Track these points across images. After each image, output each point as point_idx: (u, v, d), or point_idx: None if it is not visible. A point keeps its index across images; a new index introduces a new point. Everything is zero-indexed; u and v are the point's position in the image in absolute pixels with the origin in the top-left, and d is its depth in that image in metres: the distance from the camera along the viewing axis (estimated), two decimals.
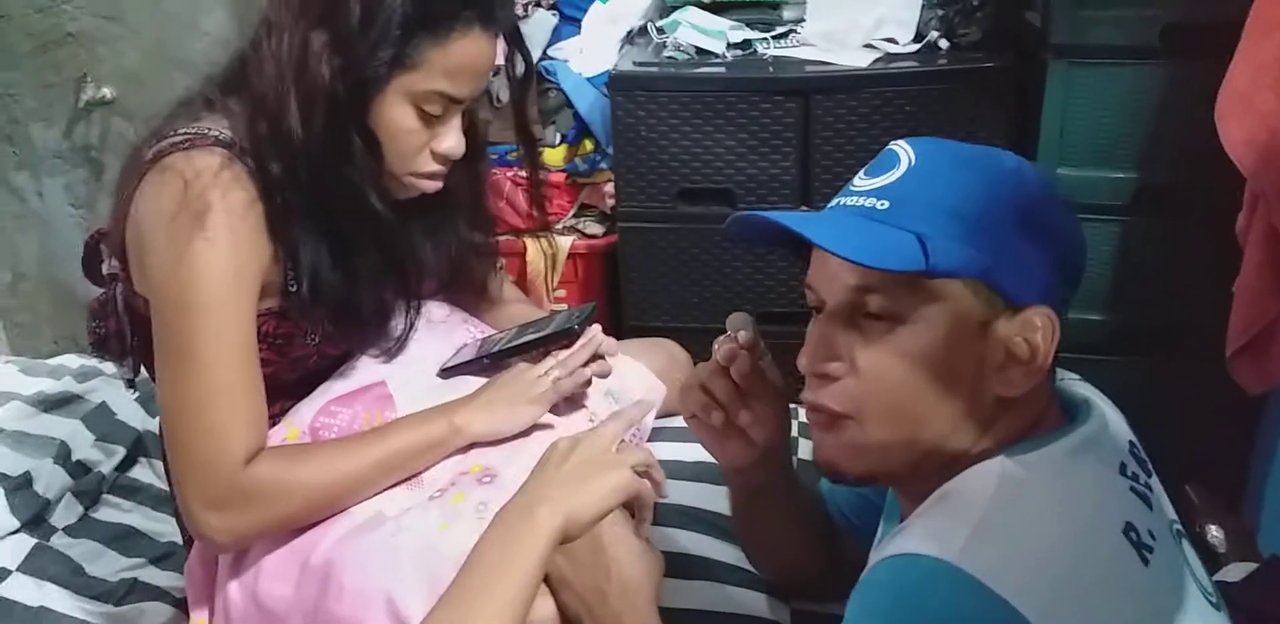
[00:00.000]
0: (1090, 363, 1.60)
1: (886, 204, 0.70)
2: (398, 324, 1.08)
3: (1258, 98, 1.18)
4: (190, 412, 0.92)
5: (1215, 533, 1.14)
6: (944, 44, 1.69)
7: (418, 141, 0.96)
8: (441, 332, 1.15)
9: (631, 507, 0.84)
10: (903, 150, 0.72)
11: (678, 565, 1.03)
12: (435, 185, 1.01)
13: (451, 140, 0.98)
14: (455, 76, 0.94)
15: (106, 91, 1.98)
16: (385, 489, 0.98)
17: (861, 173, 0.74)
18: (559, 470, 0.81)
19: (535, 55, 1.89)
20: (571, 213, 1.90)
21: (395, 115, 0.94)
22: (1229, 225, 1.28)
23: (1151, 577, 0.65)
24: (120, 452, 1.35)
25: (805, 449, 1.21)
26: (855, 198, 0.72)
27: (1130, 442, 0.75)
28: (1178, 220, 1.50)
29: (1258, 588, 0.92)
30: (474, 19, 0.94)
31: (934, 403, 0.68)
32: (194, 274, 0.90)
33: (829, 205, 0.75)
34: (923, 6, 1.72)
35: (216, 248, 0.90)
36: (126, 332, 1.01)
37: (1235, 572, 1.01)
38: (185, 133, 0.93)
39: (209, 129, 0.94)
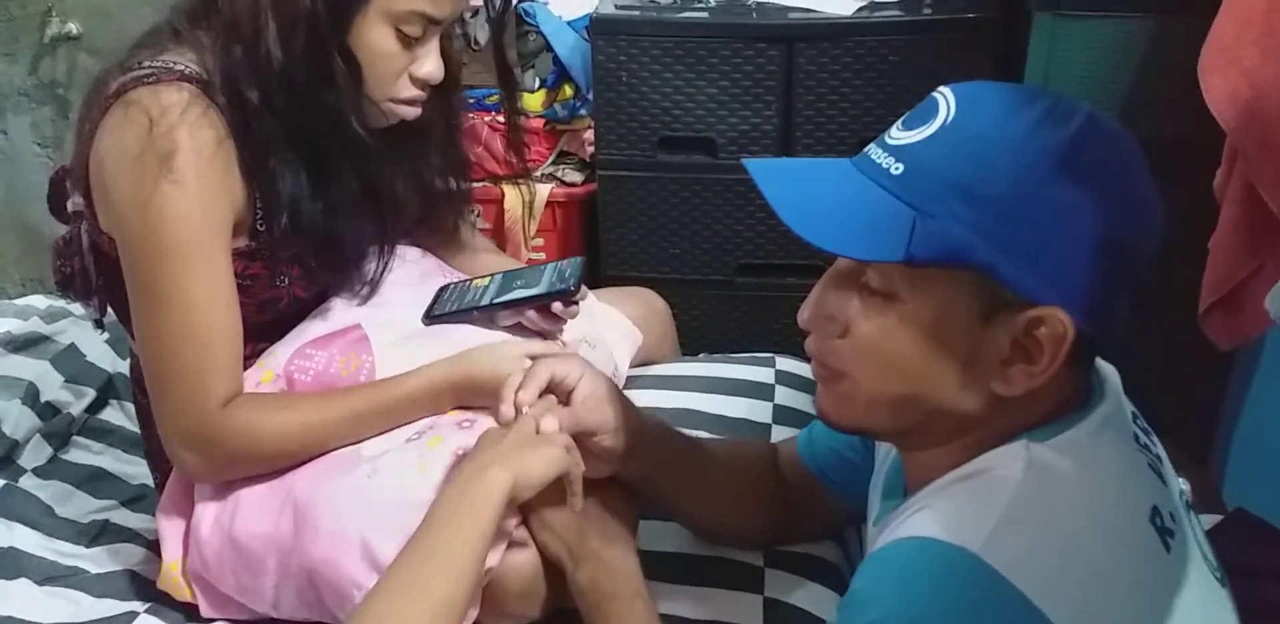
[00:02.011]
0: None
1: (901, 169, 0.64)
2: (372, 264, 1.06)
3: (1242, 52, 1.17)
4: (166, 354, 0.91)
5: (1183, 486, 1.16)
6: None
7: (397, 65, 0.95)
8: (416, 275, 1.13)
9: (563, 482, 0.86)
10: (944, 101, 0.65)
11: (653, 511, 1.04)
12: (414, 111, 1.00)
13: (430, 64, 0.96)
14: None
15: (72, 26, 1.93)
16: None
17: (900, 121, 0.67)
18: (500, 442, 0.84)
19: None
20: (550, 160, 1.87)
21: (375, 37, 0.92)
22: (1208, 181, 1.28)
23: (1172, 563, 0.64)
24: (90, 393, 1.33)
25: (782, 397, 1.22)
26: (879, 152, 0.66)
27: (1132, 409, 0.73)
28: (1157, 176, 1.50)
29: (1225, 540, 0.94)
30: None
31: (928, 378, 0.65)
32: (162, 217, 0.88)
33: (864, 150, 0.68)
34: None
35: (184, 190, 0.88)
36: (91, 270, 0.99)
37: (1203, 523, 1.03)
38: (150, 66, 0.91)
39: (175, 62, 0.91)
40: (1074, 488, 0.63)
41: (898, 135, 0.66)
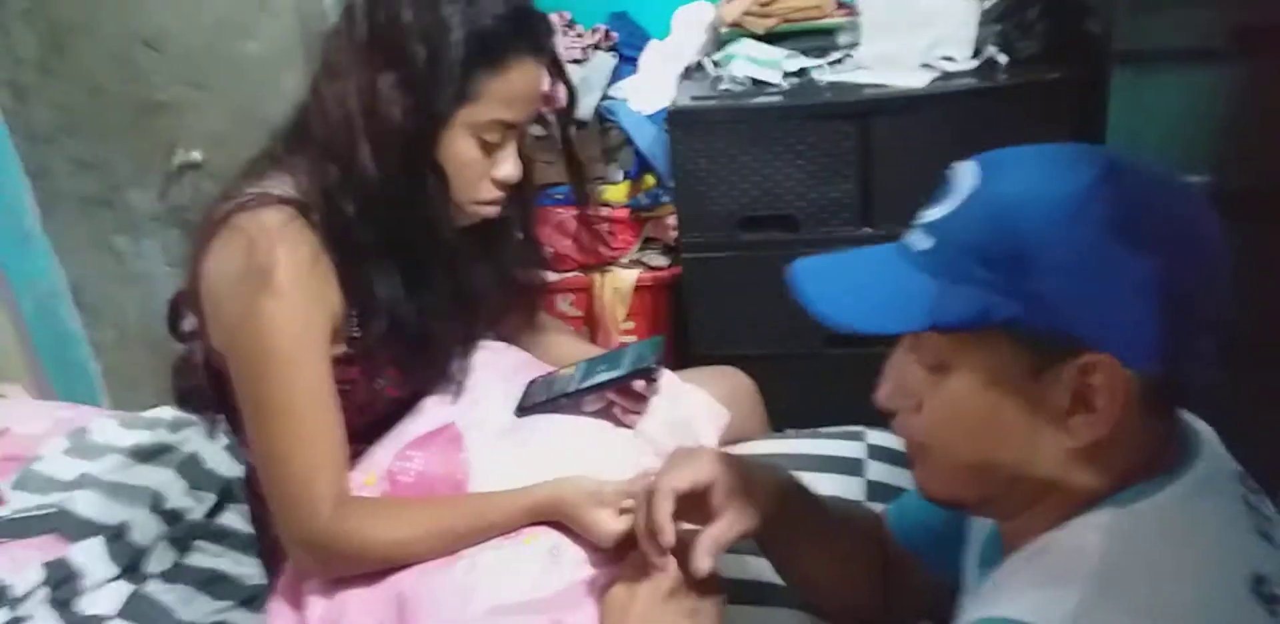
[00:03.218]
0: None
1: (931, 243, 0.65)
2: (459, 362, 1.10)
3: None
4: (275, 459, 0.96)
5: None
6: (1003, 59, 1.67)
7: (480, 170, 1.00)
8: (507, 369, 1.17)
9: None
10: (967, 173, 0.66)
11: (750, 593, 1.02)
12: (494, 211, 1.05)
13: (509, 166, 1.02)
14: (512, 104, 0.98)
15: (195, 155, 2.09)
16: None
17: (928, 208, 0.69)
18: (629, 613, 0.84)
19: (596, 96, 1.94)
20: (636, 247, 1.92)
21: (460, 147, 0.98)
22: None
23: None
24: (210, 498, 1.40)
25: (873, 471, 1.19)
26: (913, 233, 0.68)
27: (1239, 470, 0.69)
28: (1256, 226, 1.44)
29: None
30: (525, 49, 0.98)
31: (999, 441, 0.65)
32: (265, 330, 0.94)
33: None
34: (980, 22, 1.71)
35: (285, 302, 0.93)
36: (207, 386, 1.06)
37: None
38: (251, 193, 0.98)
39: (272, 188, 0.98)
40: (1160, 556, 0.60)
41: (926, 213, 0.68)
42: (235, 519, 1.38)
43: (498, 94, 0.97)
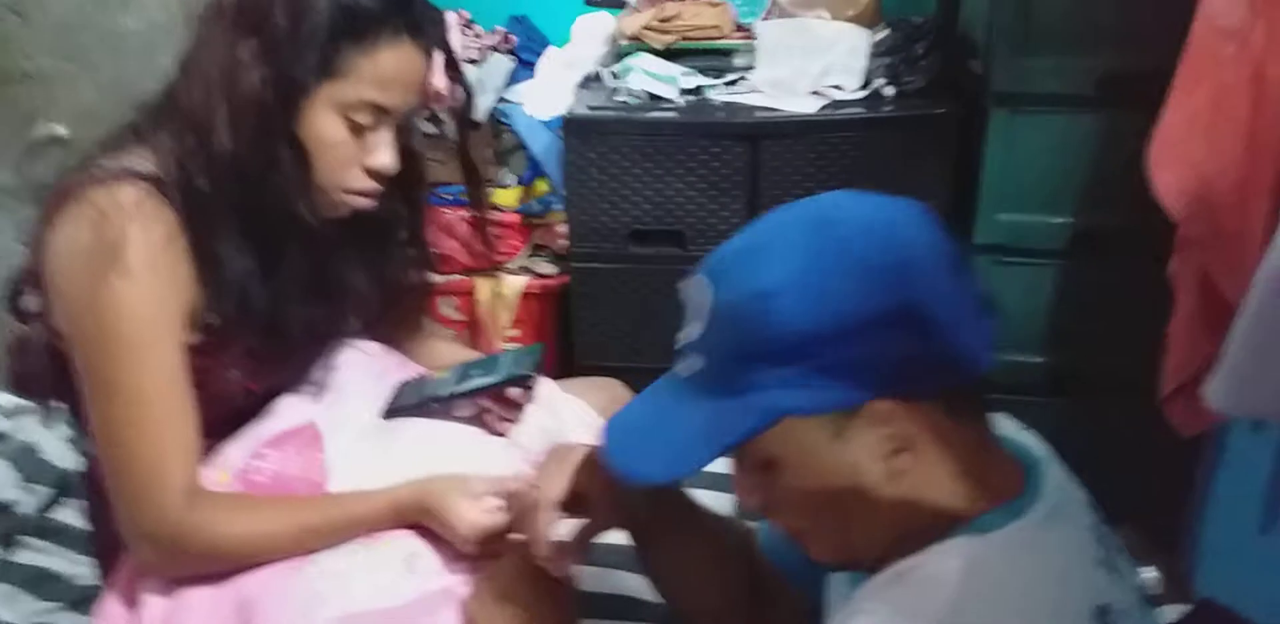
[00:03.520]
0: (1027, 404, 1.62)
1: (701, 363, 0.67)
2: (325, 358, 1.06)
3: (1189, 146, 1.21)
4: (121, 446, 0.91)
5: (1150, 573, 1.14)
6: (889, 91, 1.72)
7: (347, 154, 0.96)
8: (376, 370, 1.13)
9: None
10: (699, 288, 0.68)
11: (619, 607, 1.01)
12: (368, 203, 1.00)
13: (384, 156, 0.97)
14: (384, 86, 0.94)
15: (60, 129, 1.98)
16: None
17: (683, 329, 0.70)
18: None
19: (491, 98, 1.92)
20: (524, 253, 1.90)
21: (324, 125, 0.93)
22: (1163, 269, 1.30)
23: None
24: (44, 492, 1.31)
25: None
26: (681, 359, 0.69)
27: (1086, 497, 0.72)
28: (1114, 264, 1.53)
29: None
30: (402, 28, 0.94)
31: (854, 508, 0.66)
32: (113, 310, 0.89)
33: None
34: (869, 55, 1.76)
35: (135, 282, 0.89)
36: (47, 370, 0.99)
37: (1169, 614, 1.00)
38: (107, 167, 0.93)
39: (131, 164, 0.93)
40: (1011, 588, 0.62)
41: (683, 335, 0.69)
42: (71, 515, 1.30)
43: (367, 73, 0.93)
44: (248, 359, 0.98)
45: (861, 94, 1.72)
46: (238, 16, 0.91)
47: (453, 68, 1.04)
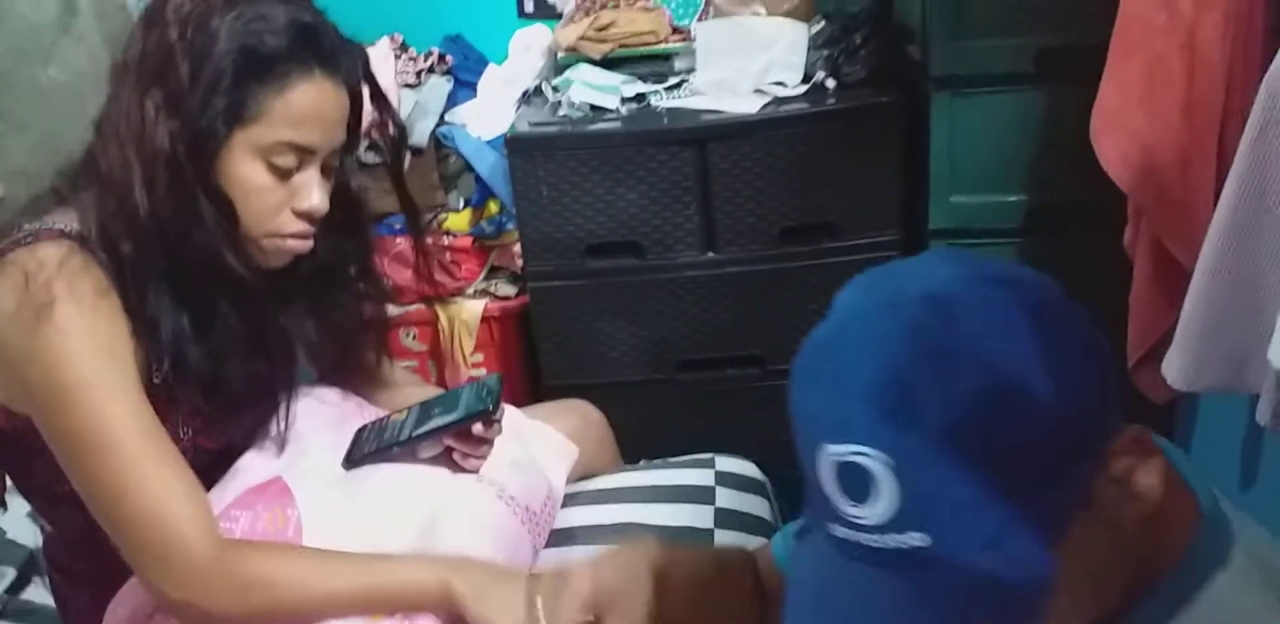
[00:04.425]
0: None
1: (928, 539, 0.51)
2: (277, 411, 1.04)
3: (1127, 116, 1.21)
4: (118, 507, 0.86)
5: None
6: (831, 84, 1.71)
7: (273, 199, 0.93)
8: (335, 418, 1.10)
9: None
10: (868, 458, 0.52)
11: None
12: (303, 245, 0.97)
13: (313, 197, 0.94)
14: (300, 125, 0.91)
15: None
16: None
17: (845, 499, 0.53)
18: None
19: (432, 121, 1.90)
20: (482, 276, 1.88)
21: (244, 172, 0.90)
22: (1119, 240, 1.30)
23: None
24: (10, 573, 1.28)
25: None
26: (872, 536, 0.52)
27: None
28: (1070, 238, 1.53)
29: None
30: (312, 63, 0.91)
31: (1102, 574, 0.57)
32: (58, 363, 0.85)
33: (835, 536, 0.54)
34: (809, 48, 1.75)
35: (72, 333, 0.86)
36: None
37: None
38: (29, 228, 0.90)
39: (54, 223, 0.91)
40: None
41: (864, 512, 0.52)
42: (40, 594, 1.27)
43: (279, 114, 0.90)
44: (194, 417, 0.96)
45: (804, 89, 1.71)
46: (142, 68, 0.89)
47: (378, 98, 1.01)
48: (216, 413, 0.94)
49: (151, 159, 0.88)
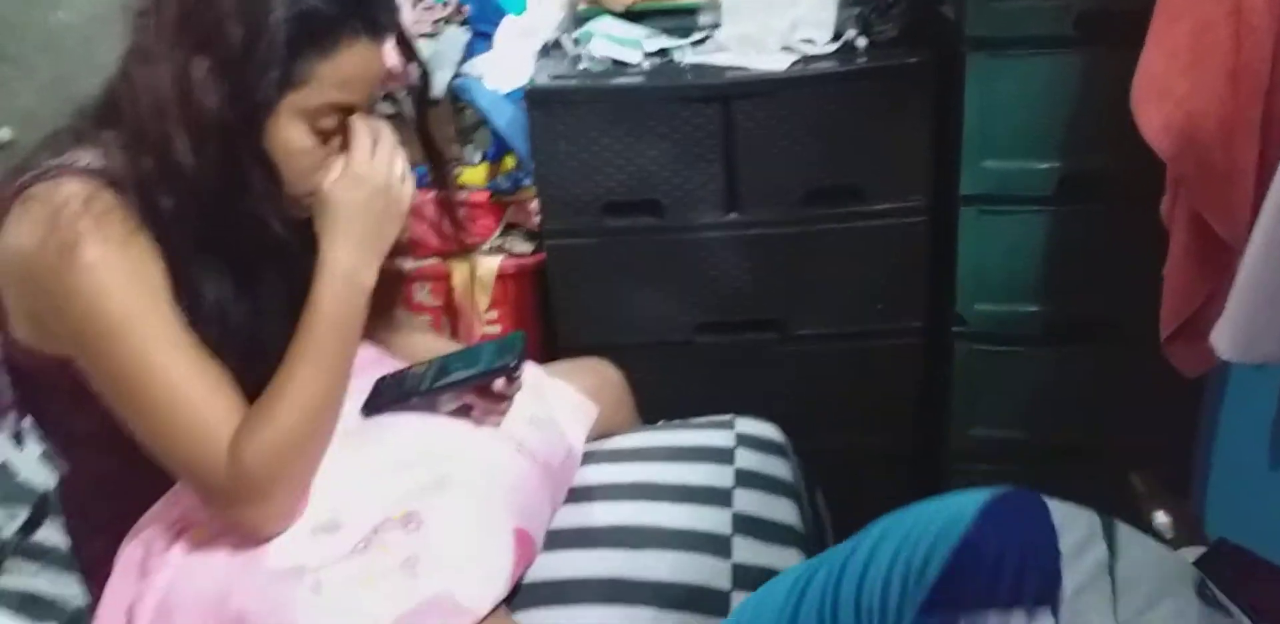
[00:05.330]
0: (1029, 354, 1.61)
1: None
2: None
3: (1172, 83, 1.17)
4: (164, 431, 0.87)
5: (1162, 519, 1.13)
6: (862, 42, 1.67)
7: (314, 159, 0.93)
8: (354, 367, 1.09)
9: None
10: None
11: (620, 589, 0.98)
12: None
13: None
14: (345, 86, 0.91)
15: (4, 133, 1.91)
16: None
17: None
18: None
19: (449, 73, 1.86)
20: (498, 232, 1.85)
21: (289, 135, 0.90)
22: (1154, 210, 1.27)
23: None
24: (23, 513, 1.27)
25: None
26: None
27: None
28: (1104, 207, 1.50)
29: (1208, 571, 0.91)
30: (360, 27, 0.91)
31: None
32: (91, 294, 0.85)
33: None
34: (839, 6, 1.71)
35: (101, 269, 0.85)
36: (7, 383, 0.95)
37: (1186, 556, 0.99)
38: (51, 164, 0.88)
39: (76, 160, 0.89)
40: None
41: None
42: (54, 534, 1.26)
43: (327, 78, 0.89)
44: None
45: (833, 47, 1.67)
46: (184, 32, 0.87)
47: (405, 46, 1.00)
48: (251, 376, 0.93)
49: (199, 123, 0.86)
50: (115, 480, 0.99)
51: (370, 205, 0.94)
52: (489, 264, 1.79)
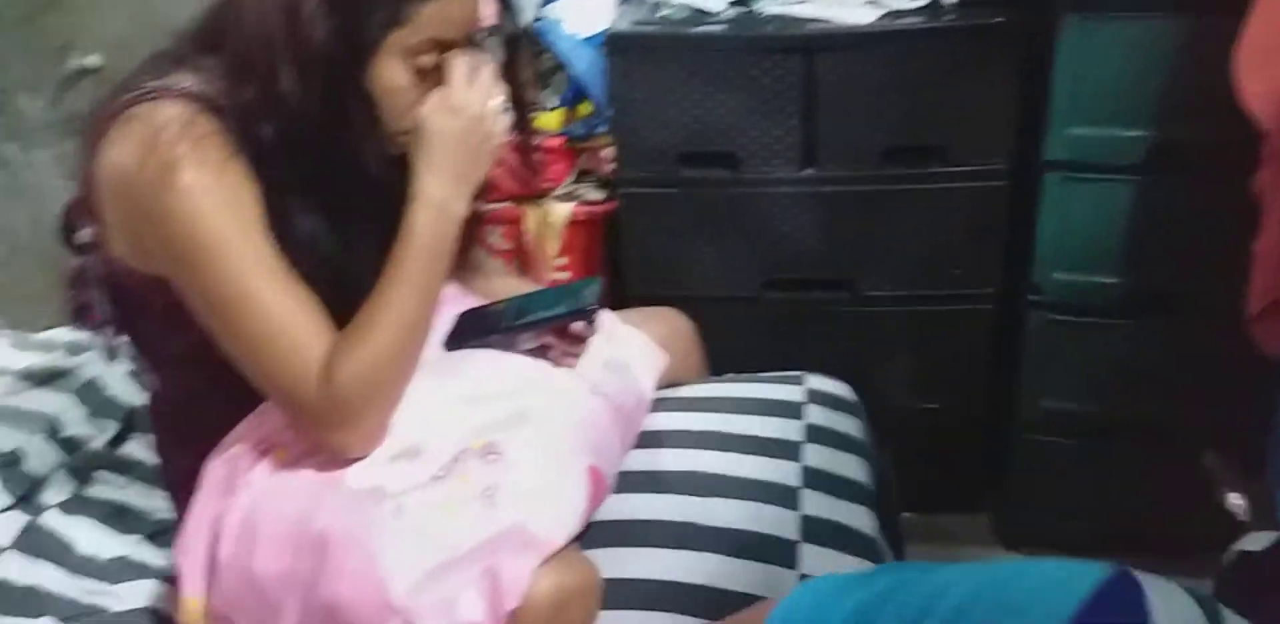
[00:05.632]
0: (1105, 326, 1.59)
1: None
2: None
3: (1277, 52, 1.14)
4: (256, 352, 0.90)
5: (1236, 501, 1.12)
6: None
7: (412, 97, 0.95)
8: None
9: None
10: None
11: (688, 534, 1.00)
12: None
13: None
14: (446, 25, 0.93)
15: (94, 59, 1.94)
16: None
17: None
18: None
19: (528, 16, 1.84)
20: (570, 179, 1.85)
21: (390, 73, 0.92)
22: (1248, 184, 1.24)
23: None
24: (112, 427, 1.33)
25: None
26: None
27: None
28: (1194, 179, 1.46)
29: None
30: None
31: None
32: (189, 215, 0.87)
33: None
34: None
35: (197, 192, 0.87)
36: (104, 300, 0.99)
37: (1258, 540, 0.98)
38: (152, 86, 0.90)
39: (177, 83, 0.91)
40: None
41: None
42: (139, 449, 1.32)
43: (431, 16, 0.91)
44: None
45: (921, 2, 1.63)
46: None
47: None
48: (338, 308, 0.95)
49: (305, 55, 0.88)
50: (203, 398, 1.02)
51: (466, 137, 0.95)
52: (561, 210, 1.80)
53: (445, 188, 0.95)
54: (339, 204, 0.96)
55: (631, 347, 1.18)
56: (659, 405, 1.19)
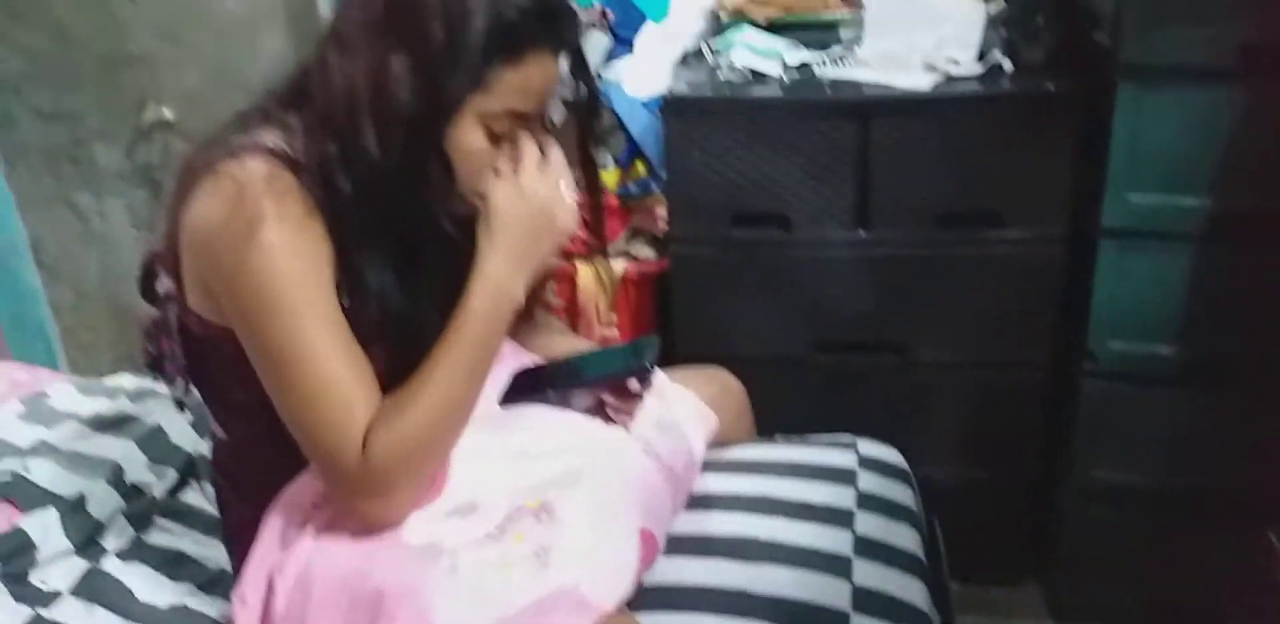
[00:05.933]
0: (1160, 396, 1.56)
1: None
2: None
3: None
4: (306, 414, 0.92)
5: None
6: (1008, 65, 1.65)
7: (486, 160, 0.97)
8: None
9: None
10: None
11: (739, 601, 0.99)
12: None
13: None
14: (525, 95, 0.95)
15: (167, 112, 2.02)
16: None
17: None
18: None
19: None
20: (623, 237, 1.88)
21: (466, 136, 0.94)
22: None
23: None
24: (172, 474, 1.35)
25: None
26: None
27: None
28: (1252, 249, 1.45)
29: None
30: (546, 40, 0.95)
31: None
32: (266, 275, 0.89)
33: None
34: (985, 26, 1.69)
35: (277, 251, 0.90)
36: (178, 352, 1.01)
37: None
38: (236, 141, 0.94)
39: (261, 139, 0.94)
40: None
41: None
42: (197, 497, 1.33)
43: (513, 85, 0.93)
44: (374, 361, 0.98)
45: (978, 69, 1.65)
46: (388, 27, 0.91)
47: (581, 66, 1.03)
48: (402, 363, 0.97)
49: (389, 115, 0.91)
50: (265, 449, 1.03)
51: (532, 221, 0.97)
52: (614, 268, 1.82)
53: (505, 270, 0.97)
54: (409, 260, 0.98)
55: (682, 407, 1.19)
56: (709, 467, 1.19)
